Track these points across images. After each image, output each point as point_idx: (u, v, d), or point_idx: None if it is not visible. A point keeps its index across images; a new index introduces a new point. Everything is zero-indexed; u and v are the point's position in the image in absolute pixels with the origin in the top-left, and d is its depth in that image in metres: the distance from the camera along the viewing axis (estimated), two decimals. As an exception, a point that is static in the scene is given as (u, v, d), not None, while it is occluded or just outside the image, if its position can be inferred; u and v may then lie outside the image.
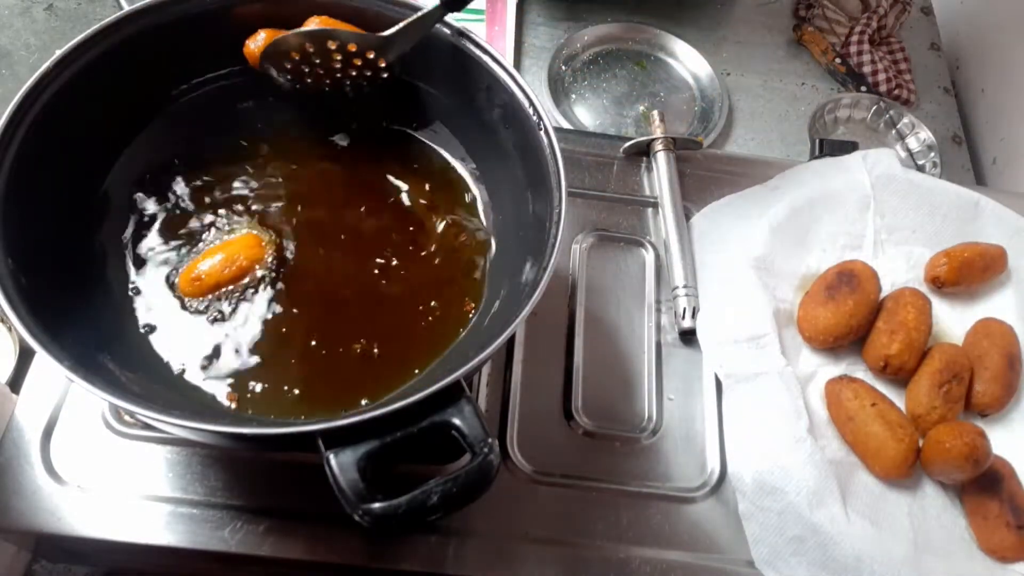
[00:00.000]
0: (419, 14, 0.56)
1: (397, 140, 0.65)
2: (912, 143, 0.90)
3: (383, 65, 0.58)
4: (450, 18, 0.57)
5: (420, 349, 0.56)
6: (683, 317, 0.67)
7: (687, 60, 0.94)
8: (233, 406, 0.53)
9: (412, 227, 0.61)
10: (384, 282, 0.58)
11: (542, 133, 0.54)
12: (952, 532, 0.59)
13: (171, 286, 0.56)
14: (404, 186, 0.63)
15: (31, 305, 0.45)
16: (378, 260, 0.59)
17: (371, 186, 0.63)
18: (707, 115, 0.90)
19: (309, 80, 0.59)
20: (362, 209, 0.62)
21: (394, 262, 0.59)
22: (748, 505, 0.58)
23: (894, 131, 0.91)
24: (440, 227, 0.61)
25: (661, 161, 0.75)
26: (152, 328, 0.55)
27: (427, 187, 0.63)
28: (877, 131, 0.92)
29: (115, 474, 0.56)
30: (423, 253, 0.60)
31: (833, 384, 0.63)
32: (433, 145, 0.64)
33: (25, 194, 0.49)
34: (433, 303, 0.58)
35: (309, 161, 0.64)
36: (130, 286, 0.56)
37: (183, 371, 0.53)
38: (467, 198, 0.63)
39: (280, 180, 0.62)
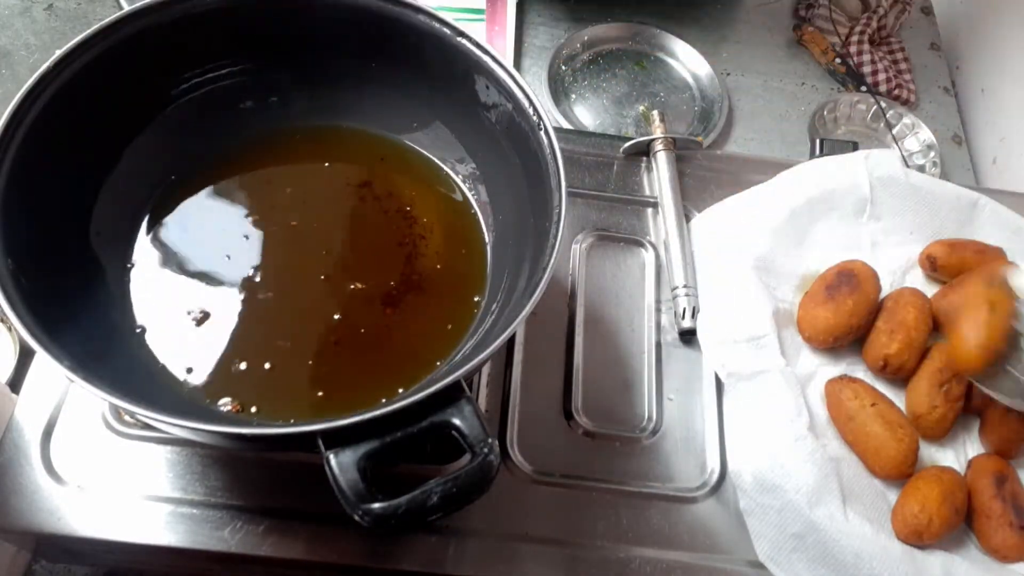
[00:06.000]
0: None
1: (397, 140, 0.65)
2: (912, 143, 0.90)
3: None
4: (450, 18, 0.57)
5: (422, 353, 0.56)
6: (683, 317, 0.67)
7: (687, 60, 0.94)
8: (231, 410, 0.53)
9: (412, 228, 0.61)
10: (385, 285, 0.58)
11: (542, 133, 0.54)
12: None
13: (173, 287, 0.56)
14: (404, 186, 0.63)
15: (31, 305, 0.45)
16: (379, 263, 0.59)
17: (372, 186, 0.63)
18: (707, 115, 0.90)
19: None
20: (363, 211, 0.62)
21: (395, 264, 0.59)
22: (749, 502, 0.58)
23: (894, 131, 0.91)
24: (440, 227, 0.61)
25: (661, 161, 0.75)
26: (151, 329, 0.55)
27: (427, 187, 0.63)
28: (877, 131, 0.92)
29: (115, 474, 0.56)
30: (424, 254, 0.60)
31: (833, 384, 0.63)
32: (433, 145, 0.64)
33: (25, 194, 0.49)
34: (434, 304, 0.58)
35: (309, 161, 0.64)
36: (131, 287, 0.56)
37: (184, 372, 0.54)
38: (467, 198, 0.63)
39: (280, 181, 0.62)
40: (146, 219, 0.59)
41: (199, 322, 0.55)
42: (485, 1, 0.93)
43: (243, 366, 0.54)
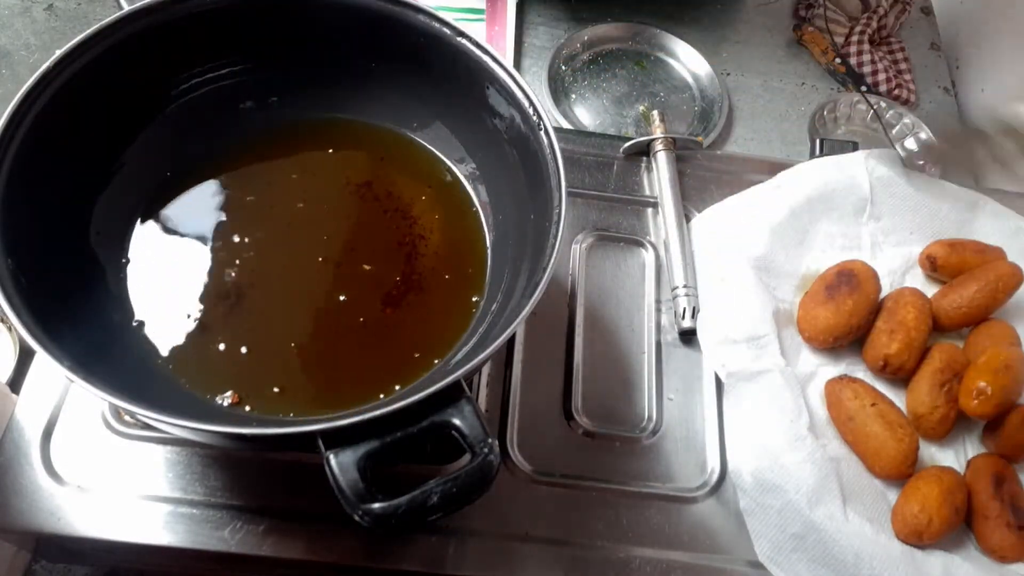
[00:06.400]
0: None
1: (397, 140, 0.65)
2: (912, 143, 0.90)
3: None
4: (450, 18, 0.57)
5: (422, 352, 0.56)
6: (683, 317, 0.67)
7: (687, 60, 0.94)
8: (230, 403, 0.53)
9: (412, 228, 0.61)
10: (385, 284, 0.58)
11: (542, 133, 0.54)
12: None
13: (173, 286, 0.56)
14: (405, 186, 0.63)
15: (31, 305, 0.45)
16: (379, 261, 0.59)
17: (372, 185, 0.63)
18: (707, 115, 0.90)
19: None
20: (363, 210, 0.62)
21: (395, 263, 0.59)
22: (749, 502, 0.58)
23: (894, 131, 0.91)
24: (440, 227, 0.61)
25: (661, 161, 0.75)
26: (150, 326, 0.55)
27: (427, 187, 0.63)
28: (877, 131, 0.92)
29: (115, 474, 0.56)
30: (424, 253, 0.60)
31: (833, 384, 0.63)
32: (433, 145, 0.64)
33: (25, 194, 0.49)
34: (434, 304, 0.58)
35: (309, 161, 0.64)
36: (130, 286, 0.56)
37: (183, 369, 0.54)
38: (467, 198, 0.63)
39: (280, 180, 0.62)
40: (145, 218, 0.59)
41: (197, 320, 0.55)
42: (485, 1, 0.93)
43: (241, 362, 0.54)
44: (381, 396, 0.53)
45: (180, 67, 0.59)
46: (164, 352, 0.54)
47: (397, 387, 0.54)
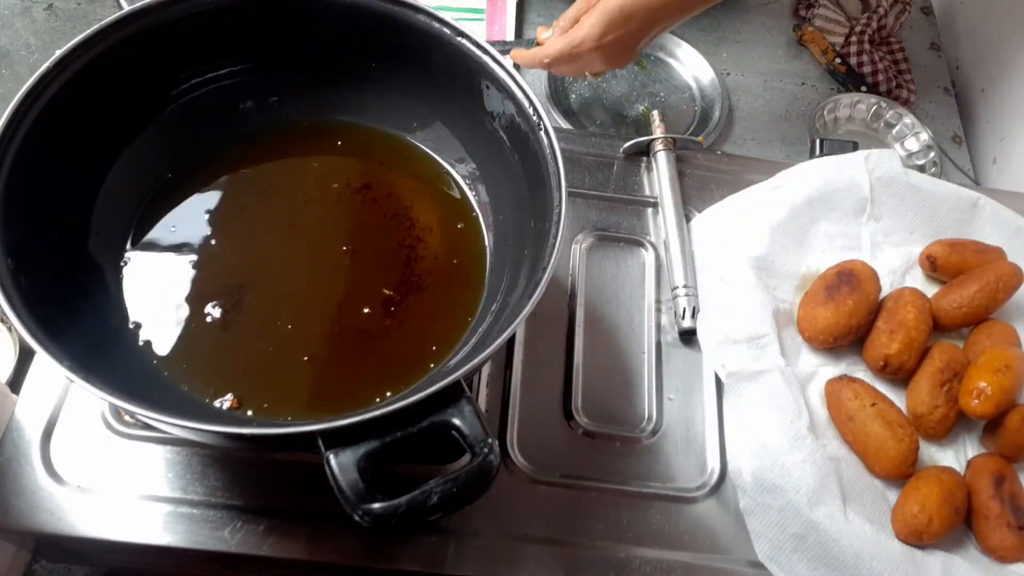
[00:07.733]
0: None
1: (397, 141, 0.65)
2: (912, 143, 0.90)
3: None
4: (450, 18, 0.57)
5: (422, 353, 0.56)
6: (683, 317, 0.67)
7: (687, 60, 0.94)
8: (231, 406, 0.53)
9: (412, 230, 0.61)
10: (385, 286, 0.58)
11: (542, 133, 0.54)
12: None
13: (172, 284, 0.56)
14: (404, 187, 0.63)
15: (31, 305, 0.45)
16: (379, 264, 0.59)
17: (371, 187, 0.63)
18: (707, 115, 0.89)
19: None
20: (363, 213, 0.62)
21: (394, 265, 0.59)
22: (749, 502, 0.58)
23: (894, 131, 0.91)
24: (440, 228, 0.61)
25: (661, 161, 0.75)
26: (149, 327, 0.55)
27: (427, 189, 0.63)
28: (877, 131, 0.92)
29: (115, 474, 0.56)
30: (423, 255, 0.60)
31: (833, 384, 0.63)
32: (432, 146, 0.64)
33: (25, 194, 0.49)
34: (434, 305, 0.58)
35: (308, 163, 0.64)
36: (129, 285, 0.56)
37: (182, 369, 0.54)
38: (467, 198, 0.63)
39: (280, 182, 0.62)
40: (144, 218, 0.59)
41: (196, 320, 0.55)
42: (485, 1, 0.93)
43: (240, 363, 0.54)
44: (377, 400, 0.53)
45: (180, 67, 0.59)
46: (163, 353, 0.54)
47: (390, 393, 0.54)
